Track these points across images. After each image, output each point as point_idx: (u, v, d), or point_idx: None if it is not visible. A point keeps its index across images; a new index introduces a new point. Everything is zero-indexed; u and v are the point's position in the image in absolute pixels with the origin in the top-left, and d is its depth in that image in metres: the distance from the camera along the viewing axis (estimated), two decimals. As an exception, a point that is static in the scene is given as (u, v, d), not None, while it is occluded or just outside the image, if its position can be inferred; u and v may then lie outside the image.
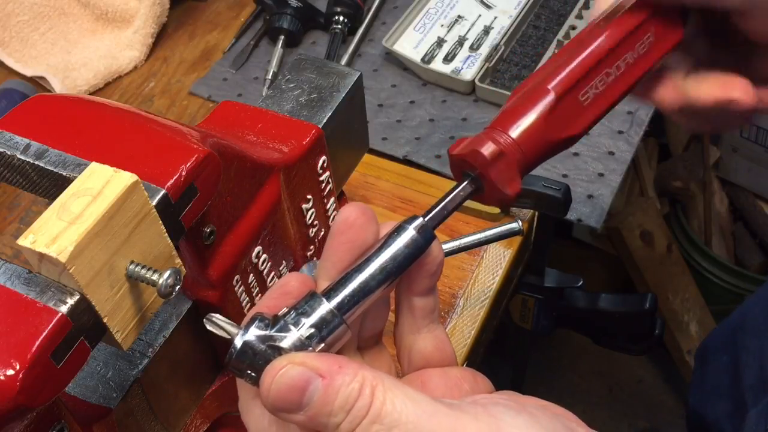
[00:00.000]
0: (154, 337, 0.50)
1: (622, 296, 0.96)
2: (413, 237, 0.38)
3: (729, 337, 0.77)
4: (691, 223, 1.62)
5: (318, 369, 0.35)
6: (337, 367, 0.35)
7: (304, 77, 0.63)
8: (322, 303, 0.37)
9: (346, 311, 0.37)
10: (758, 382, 0.66)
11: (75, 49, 1.05)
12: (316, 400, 0.34)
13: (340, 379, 0.34)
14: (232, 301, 0.52)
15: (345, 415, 0.34)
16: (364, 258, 0.38)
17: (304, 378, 0.34)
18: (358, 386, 0.34)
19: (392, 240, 0.38)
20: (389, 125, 0.94)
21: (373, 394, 0.34)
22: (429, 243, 0.39)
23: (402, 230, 0.38)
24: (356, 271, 0.38)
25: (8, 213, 0.89)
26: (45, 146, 0.42)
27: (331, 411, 0.34)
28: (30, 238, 0.36)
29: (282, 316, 0.37)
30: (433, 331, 0.42)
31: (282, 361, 0.35)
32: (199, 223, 0.46)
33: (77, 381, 0.48)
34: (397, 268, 0.38)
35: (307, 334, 0.36)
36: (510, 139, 0.41)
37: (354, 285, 0.38)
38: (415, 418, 0.34)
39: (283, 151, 0.55)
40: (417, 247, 0.38)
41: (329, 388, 0.34)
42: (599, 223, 0.84)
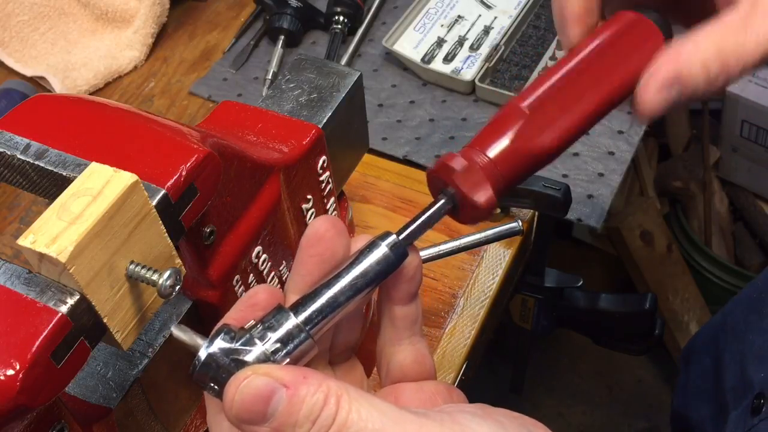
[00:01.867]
0: (154, 337, 0.50)
1: (622, 296, 0.96)
2: (385, 254, 0.38)
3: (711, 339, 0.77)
4: (691, 223, 1.62)
5: (282, 379, 0.34)
6: (302, 378, 0.34)
7: (304, 77, 0.63)
8: (290, 317, 0.37)
9: (313, 326, 0.37)
10: (739, 385, 0.66)
11: (75, 49, 1.05)
12: (280, 411, 0.34)
13: (304, 389, 0.34)
14: (232, 301, 0.52)
15: (311, 426, 0.34)
16: (334, 273, 0.38)
17: (268, 388, 0.34)
18: (323, 396, 0.34)
19: (364, 256, 0.38)
20: (389, 125, 0.94)
21: (339, 403, 0.34)
22: (401, 260, 0.38)
23: (374, 246, 0.38)
24: (326, 287, 0.38)
25: (8, 213, 0.89)
26: (45, 146, 0.42)
27: (296, 422, 0.34)
28: (30, 238, 0.36)
29: (248, 329, 0.37)
30: (414, 344, 0.42)
31: (246, 372, 0.35)
32: (199, 223, 0.46)
33: (77, 381, 0.48)
34: (368, 285, 0.38)
35: (272, 348, 0.36)
36: (481, 154, 0.42)
37: (323, 300, 0.37)
38: (380, 426, 0.34)
39: (283, 151, 0.55)
40: (389, 264, 0.38)
41: (294, 398, 0.34)
42: (599, 223, 0.84)
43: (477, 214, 0.41)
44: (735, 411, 0.64)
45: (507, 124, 0.42)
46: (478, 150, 0.42)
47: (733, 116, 1.51)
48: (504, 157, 0.42)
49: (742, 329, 0.70)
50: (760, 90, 1.44)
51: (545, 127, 0.43)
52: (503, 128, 0.42)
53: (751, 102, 1.44)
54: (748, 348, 0.67)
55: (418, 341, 0.42)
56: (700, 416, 0.74)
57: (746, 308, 0.72)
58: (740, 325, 0.71)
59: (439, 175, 0.42)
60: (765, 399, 0.60)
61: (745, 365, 0.66)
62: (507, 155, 0.42)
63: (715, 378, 0.72)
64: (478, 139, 0.43)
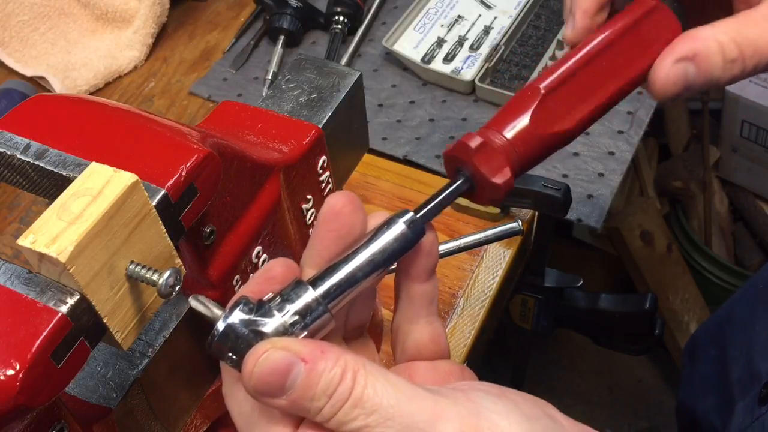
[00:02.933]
0: (154, 337, 0.50)
1: (622, 296, 0.96)
2: (403, 231, 0.38)
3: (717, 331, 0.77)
4: (691, 223, 1.62)
5: (300, 353, 0.35)
6: (320, 352, 0.35)
7: (304, 77, 0.63)
8: (308, 290, 0.37)
9: (331, 300, 0.37)
10: (745, 376, 0.66)
11: (75, 49, 1.05)
12: (298, 384, 0.34)
13: (322, 363, 0.34)
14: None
15: (327, 400, 0.34)
16: (352, 249, 0.38)
17: (286, 362, 0.34)
18: (340, 371, 0.34)
19: (382, 232, 0.38)
20: (389, 125, 0.94)
21: (355, 378, 0.34)
22: (418, 237, 0.39)
23: (392, 223, 0.38)
24: (344, 262, 0.38)
25: (8, 213, 0.89)
26: (45, 146, 0.42)
27: (313, 395, 0.34)
28: (30, 238, 0.36)
29: (267, 302, 0.37)
30: (431, 323, 0.42)
31: (265, 345, 0.35)
32: (199, 223, 0.46)
33: (77, 381, 0.48)
34: (385, 261, 0.38)
35: (291, 320, 0.36)
36: (498, 134, 0.42)
37: (341, 275, 0.38)
38: (395, 402, 0.34)
39: (283, 151, 0.55)
40: (406, 241, 0.38)
41: (312, 372, 0.34)
42: (599, 223, 0.84)
43: (494, 196, 0.41)
44: (742, 402, 0.64)
45: (525, 105, 0.42)
46: (495, 130, 0.42)
47: (733, 116, 1.51)
48: (522, 138, 0.41)
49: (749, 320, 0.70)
50: (760, 90, 1.44)
51: (563, 108, 0.43)
52: (521, 109, 0.42)
53: (751, 102, 1.44)
54: (755, 339, 0.67)
55: (434, 320, 0.42)
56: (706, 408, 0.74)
57: (752, 299, 0.72)
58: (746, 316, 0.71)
59: (457, 155, 0.41)
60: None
61: (751, 356, 0.66)
62: (524, 136, 0.41)
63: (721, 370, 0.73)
64: (495, 119, 0.42)
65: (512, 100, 0.43)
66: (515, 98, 0.43)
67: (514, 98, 0.43)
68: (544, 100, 0.42)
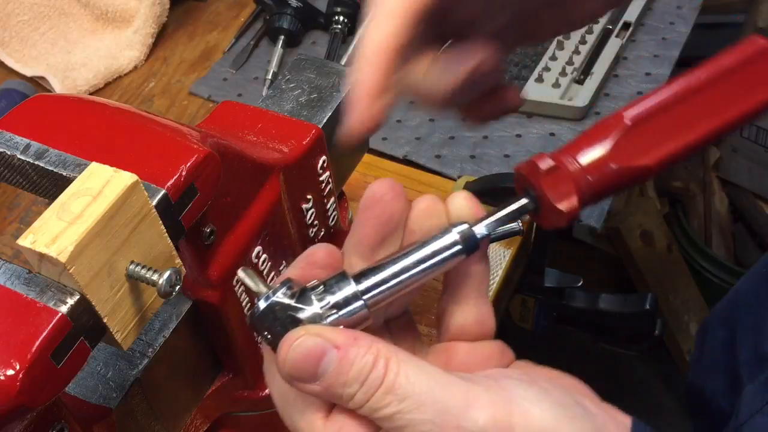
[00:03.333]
0: (154, 337, 0.50)
1: (622, 296, 0.96)
2: (455, 241, 0.38)
3: (727, 313, 0.77)
4: (691, 223, 1.62)
5: (333, 340, 0.35)
6: (353, 339, 0.35)
7: (304, 77, 0.63)
8: (350, 284, 0.37)
9: (371, 298, 0.37)
10: (753, 357, 0.66)
11: (75, 49, 1.05)
12: (331, 371, 0.35)
13: (354, 350, 0.35)
14: (232, 301, 0.52)
15: (359, 386, 0.35)
16: (404, 251, 0.38)
17: (319, 348, 0.35)
18: (372, 358, 0.35)
19: (435, 239, 0.38)
20: (389, 125, 0.94)
21: (387, 366, 0.35)
22: (470, 252, 0.38)
23: (447, 232, 0.38)
24: (391, 262, 0.38)
25: (8, 213, 0.89)
26: (45, 146, 0.42)
27: (345, 381, 0.35)
28: (30, 238, 0.36)
29: (310, 289, 0.37)
30: (479, 305, 0.42)
31: (299, 332, 0.36)
32: (199, 223, 0.46)
33: (77, 381, 0.48)
34: (432, 268, 0.38)
35: (328, 312, 0.37)
36: (573, 159, 0.40)
37: (385, 274, 0.38)
38: (427, 389, 0.34)
39: (283, 151, 0.55)
40: (457, 252, 0.38)
41: (344, 359, 0.35)
42: (599, 223, 0.84)
43: (558, 221, 0.40)
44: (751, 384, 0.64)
45: (606, 133, 0.40)
46: (570, 155, 0.40)
47: (733, 116, 1.50)
48: (596, 167, 0.40)
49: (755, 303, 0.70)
50: (760, 90, 1.44)
51: (647, 143, 0.40)
52: (601, 136, 0.40)
53: (751, 102, 1.44)
54: (762, 321, 0.67)
55: (483, 303, 0.42)
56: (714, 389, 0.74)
57: (759, 282, 0.72)
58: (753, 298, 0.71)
59: (525, 175, 0.40)
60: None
61: (760, 339, 0.66)
62: (600, 165, 0.40)
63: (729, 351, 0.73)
64: (573, 144, 0.41)
65: (594, 127, 0.41)
66: (598, 125, 0.41)
67: (597, 125, 0.41)
68: (629, 132, 0.40)
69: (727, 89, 0.41)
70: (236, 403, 0.58)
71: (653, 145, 0.40)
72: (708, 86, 0.41)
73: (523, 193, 0.41)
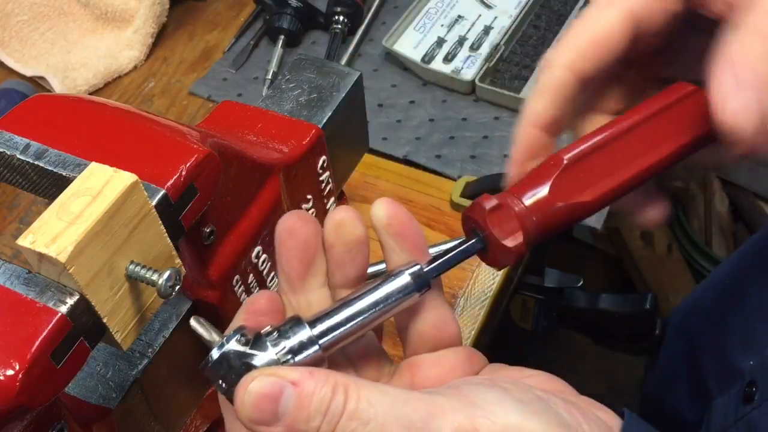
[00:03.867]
0: (154, 337, 0.50)
1: (622, 296, 0.96)
2: (408, 283, 0.39)
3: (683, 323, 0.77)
4: (691, 223, 1.62)
5: (288, 377, 0.35)
6: (308, 374, 0.35)
7: (304, 77, 0.63)
8: (304, 328, 0.38)
9: (326, 341, 0.38)
10: (722, 371, 0.66)
11: (75, 49, 1.05)
12: (291, 408, 0.34)
13: (311, 384, 0.35)
14: (232, 301, 0.52)
15: (322, 418, 0.34)
16: (356, 294, 0.39)
17: (276, 386, 0.35)
18: (330, 388, 0.35)
19: (386, 282, 0.39)
20: (389, 125, 0.94)
21: (347, 393, 0.35)
22: (422, 290, 0.39)
23: (399, 275, 0.39)
24: (345, 305, 0.39)
25: (8, 213, 0.89)
26: (45, 146, 0.42)
27: (308, 416, 0.34)
28: (30, 238, 0.36)
29: (264, 335, 0.38)
30: (434, 308, 0.42)
31: (253, 374, 0.36)
32: (199, 223, 0.46)
33: (77, 381, 0.48)
34: (385, 310, 0.39)
35: (283, 357, 0.37)
36: (516, 199, 0.42)
37: (339, 318, 0.38)
38: (390, 408, 0.35)
39: (283, 151, 0.55)
40: (409, 293, 0.39)
41: (302, 393, 0.34)
42: (599, 223, 0.84)
43: (505, 259, 0.41)
44: (721, 398, 0.64)
45: (546, 174, 0.42)
46: (514, 196, 0.42)
47: (734, 116, 1.50)
48: (539, 206, 0.41)
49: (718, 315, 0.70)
50: (760, 90, 1.44)
51: (586, 181, 0.42)
52: (542, 177, 0.42)
53: (751, 102, 1.44)
54: (729, 334, 0.67)
55: (439, 305, 0.42)
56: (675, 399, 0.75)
57: (720, 293, 0.72)
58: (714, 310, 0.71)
59: (472, 215, 0.42)
60: (757, 387, 0.60)
61: (727, 352, 0.66)
62: (542, 204, 0.41)
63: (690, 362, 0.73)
64: (516, 185, 0.43)
65: (535, 169, 0.43)
66: (539, 167, 0.43)
67: (538, 167, 0.43)
68: (566, 170, 0.42)
69: (657, 130, 0.43)
70: (236, 403, 0.58)
71: (591, 182, 0.42)
72: (640, 128, 0.44)
73: (471, 234, 0.42)
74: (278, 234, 0.41)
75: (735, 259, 0.74)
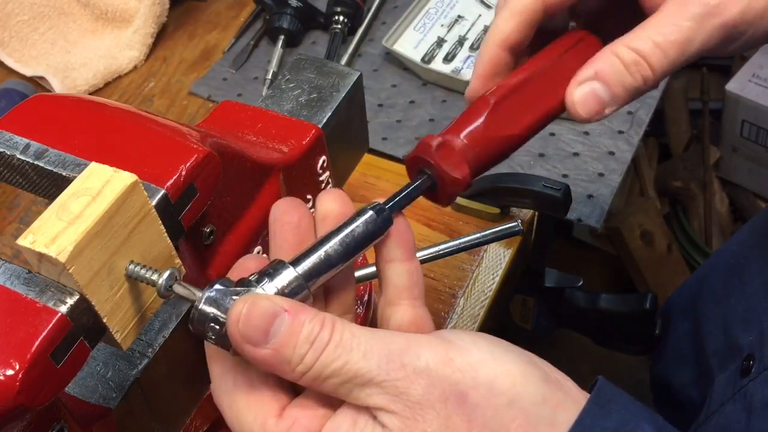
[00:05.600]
0: (153, 337, 0.50)
1: (622, 296, 0.96)
2: (370, 216, 0.42)
3: (689, 304, 0.78)
4: (691, 223, 1.62)
5: (284, 305, 0.37)
6: (301, 306, 0.38)
7: (304, 77, 0.63)
8: (288, 268, 0.40)
9: (309, 278, 0.40)
10: (724, 348, 0.67)
11: (75, 49, 1.05)
12: (282, 332, 0.37)
13: (303, 315, 0.37)
14: (231, 301, 0.52)
15: (309, 347, 0.37)
16: (326, 233, 0.42)
17: (272, 309, 0.37)
18: (319, 322, 0.37)
19: (353, 220, 0.42)
20: (389, 125, 0.94)
21: (333, 326, 0.38)
22: (386, 223, 0.43)
23: (363, 212, 0.42)
24: (319, 245, 0.41)
25: (8, 213, 0.89)
26: (44, 146, 0.42)
27: (296, 343, 0.37)
28: (29, 238, 0.36)
29: (250, 279, 0.39)
30: (415, 307, 0.44)
31: (251, 296, 0.38)
32: (198, 223, 0.46)
33: (77, 381, 0.48)
34: (356, 244, 0.41)
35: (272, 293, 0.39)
36: (456, 137, 0.47)
37: (317, 256, 0.41)
38: (371, 339, 0.38)
39: (283, 151, 0.55)
40: (375, 225, 0.42)
41: (295, 320, 0.37)
42: (599, 223, 0.84)
43: (453, 190, 0.46)
44: (722, 374, 0.65)
45: (478, 113, 0.48)
46: (453, 134, 0.47)
47: (733, 116, 1.50)
48: (476, 140, 0.47)
49: (722, 294, 0.71)
50: (760, 90, 1.44)
51: (510, 117, 0.48)
52: (475, 116, 0.48)
53: (751, 102, 1.44)
54: (731, 312, 0.68)
55: (419, 305, 0.44)
56: (682, 380, 0.75)
57: (724, 273, 0.72)
58: (719, 290, 0.72)
59: (420, 155, 0.46)
60: (754, 360, 0.61)
61: (729, 330, 0.67)
62: (479, 138, 0.47)
63: (695, 342, 0.73)
64: (452, 126, 0.48)
65: (466, 111, 0.49)
66: (469, 109, 0.49)
67: (468, 109, 0.49)
68: (495, 109, 0.48)
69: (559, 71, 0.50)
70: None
71: (515, 118, 0.49)
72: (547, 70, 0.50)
73: (419, 174, 0.46)
74: (273, 214, 0.43)
75: (739, 238, 0.75)
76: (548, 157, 0.89)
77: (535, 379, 0.39)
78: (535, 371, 0.40)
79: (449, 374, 0.37)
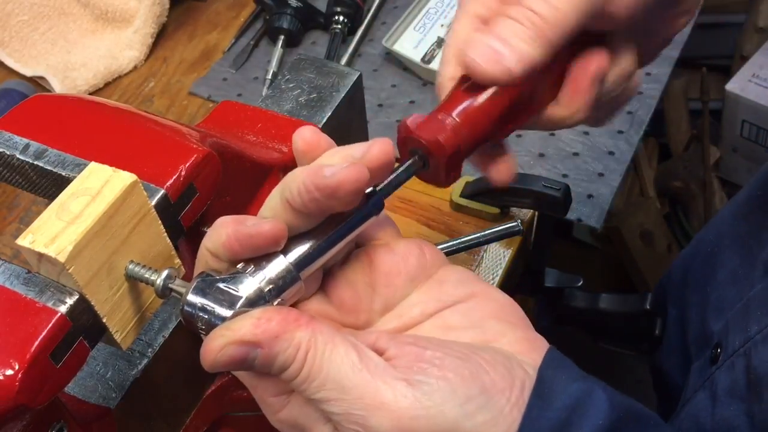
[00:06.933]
0: (153, 337, 0.50)
1: (622, 296, 0.96)
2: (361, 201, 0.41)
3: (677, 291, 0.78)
4: (691, 223, 1.62)
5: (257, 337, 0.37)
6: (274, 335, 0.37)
7: (304, 77, 0.63)
8: (279, 257, 0.39)
9: (301, 267, 0.40)
10: (700, 337, 0.67)
11: (75, 49, 1.05)
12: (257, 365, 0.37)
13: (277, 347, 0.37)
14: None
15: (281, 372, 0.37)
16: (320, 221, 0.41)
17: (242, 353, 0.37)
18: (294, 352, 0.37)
19: None
20: (389, 125, 0.94)
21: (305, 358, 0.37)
22: (379, 207, 0.42)
23: None
24: (311, 232, 0.40)
25: (8, 213, 0.89)
26: (44, 146, 0.42)
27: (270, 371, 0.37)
28: (29, 238, 0.36)
29: (241, 269, 0.39)
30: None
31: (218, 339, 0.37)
32: (198, 222, 0.46)
33: (77, 381, 0.48)
34: (348, 227, 0.41)
35: (266, 287, 0.38)
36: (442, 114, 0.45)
37: (309, 244, 0.40)
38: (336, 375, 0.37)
39: (283, 151, 0.55)
40: (366, 210, 0.41)
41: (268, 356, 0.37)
42: (599, 223, 0.84)
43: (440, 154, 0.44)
44: (697, 362, 0.65)
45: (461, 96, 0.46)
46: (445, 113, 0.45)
47: (733, 116, 1.50)
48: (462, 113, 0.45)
49: (701, 282, 0.71)
50: (760, 90, 1.44)
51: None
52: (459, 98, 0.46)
53: (751, 102, 1.44)
54: (706, 301, 0.68)
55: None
56: (671, 368, 0.76)
57: (702, 262, 0.73)
58: (699, 278, 0.72)
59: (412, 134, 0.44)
60: (722, 348, 0.61)
61: (705, 318, 0.67)
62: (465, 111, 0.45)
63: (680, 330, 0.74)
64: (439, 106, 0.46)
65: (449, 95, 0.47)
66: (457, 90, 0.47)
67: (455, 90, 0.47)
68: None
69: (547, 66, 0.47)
70: (236, 403, 0.58)
71: None
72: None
73: (409, 156, 0.45)
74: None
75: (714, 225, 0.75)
76: (548, 157, 0.89)
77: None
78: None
79: None
